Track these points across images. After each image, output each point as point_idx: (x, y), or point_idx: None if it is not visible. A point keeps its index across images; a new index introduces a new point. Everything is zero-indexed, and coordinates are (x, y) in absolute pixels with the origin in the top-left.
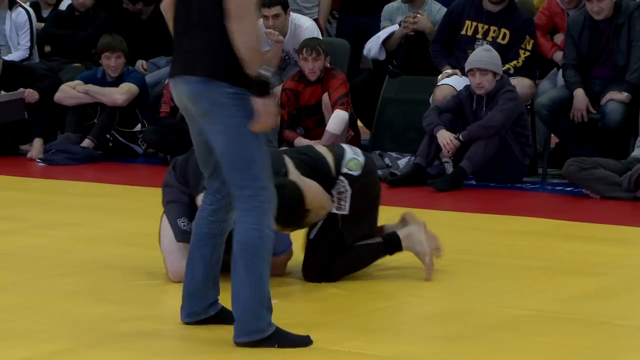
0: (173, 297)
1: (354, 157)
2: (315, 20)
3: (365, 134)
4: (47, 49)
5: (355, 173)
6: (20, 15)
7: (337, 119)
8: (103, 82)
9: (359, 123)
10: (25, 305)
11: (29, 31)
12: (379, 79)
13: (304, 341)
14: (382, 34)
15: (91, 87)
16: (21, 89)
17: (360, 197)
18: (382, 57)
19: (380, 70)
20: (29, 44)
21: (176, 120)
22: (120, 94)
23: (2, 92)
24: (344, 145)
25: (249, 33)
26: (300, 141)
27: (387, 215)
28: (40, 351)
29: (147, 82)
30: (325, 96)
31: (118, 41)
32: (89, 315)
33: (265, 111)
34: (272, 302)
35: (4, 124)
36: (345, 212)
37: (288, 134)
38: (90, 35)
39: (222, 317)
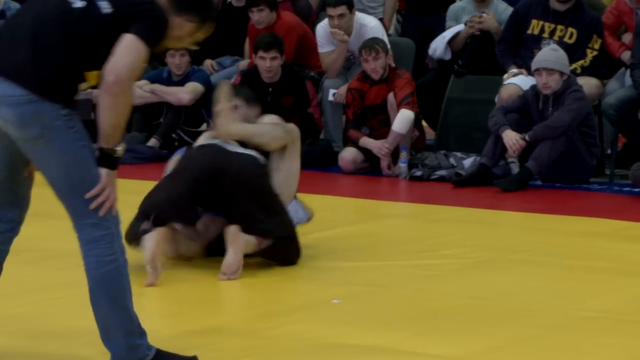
0: None
1: None
2: (380, 19)
3: (430, 134)
4: None
5: None
6: None
7: (402, 119)
8: (169, 81)
9: (424, 123)
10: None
11: None
12: (444, 78)
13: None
14: (447, 34)
15: (157, 87)
16: (89, 90)
17: None
18: (448, 56)
19: (445, 70)
20: None
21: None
22: (185, 93)
23: None
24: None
25: (120, 111)
26: (365, 141)
27: (452, 216)
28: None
29: (212, 81)
30: (391, 96)
31: None
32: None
33: (110, 183)
34: (334, 301)
35: None
36: None
37: (353, 133)
38: None
39: None
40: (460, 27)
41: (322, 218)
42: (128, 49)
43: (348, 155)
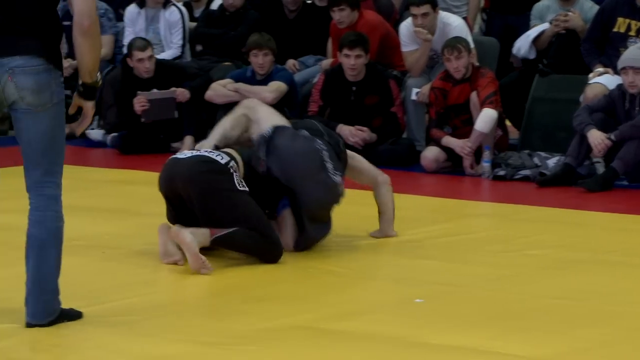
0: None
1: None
2: (464, 18)
3: (513, 133)
4: (199, 48)
5: None
6: (173, 13)
7: (485, 118)
8: (252, 80)
9: (508, 122)
10: (174, 300)
11: (181, 29)
12: (528, 77)
13: (78, 314)
14: (532, 33)
15: (241, 85)
16: (173, 88)
17: None
18: (532, 55)
19: (530, 69)
20: (181, 42)
21: (325, 119)
22: (269, 92)
23: (155, 90)
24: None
25: (96, 47)
26: (448, 140)
27: (536, 216)
28: (191, 346)
29: (295, 80)
30: (474, 95)
31: (266, 39)
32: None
33: (91, 114)
34: (417, 300)
35: (155, 122)
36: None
37: (435, 132)
38: (240, 35)
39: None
40: (545, 25)
41: (404, 217)
42: None
43: (430, 154)
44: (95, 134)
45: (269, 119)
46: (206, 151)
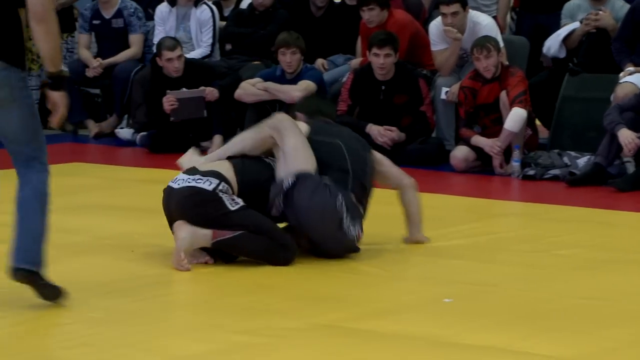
0: None
1: None
2: (494, 17)
3: (543, 132)
4: (228, 47)
5: None
6: (204, 12)
7: (515, 117)
8: (282, 79)
9: (537, 122)
10: (204, 299)
11: (211, 28)
12: (558, 77)
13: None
14: (562, 32)
15: (270, 84)
16: (202, 87)
17: None
18: (562, 55)
19: (560, 68)
20: (210, 40)
21: (353, 118)
22: (298, 91)
23: (184, 89)
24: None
25: (53, 33)
26: (477, 139)
27: (566, 215)
28: (222, 344)
29: (324, 79)
30: (503, 94)
31: (294, 38)
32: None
33: (63, 103)
34: (446, 300)
35: (184, 121)
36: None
37: (465, 131)
38: (270, 34)
39: None
40: (575, 24)
41: (433, 217)
42: None
43: (460, 153)
44: (125, 133)
45: (295, 156)
46: (193, 178)
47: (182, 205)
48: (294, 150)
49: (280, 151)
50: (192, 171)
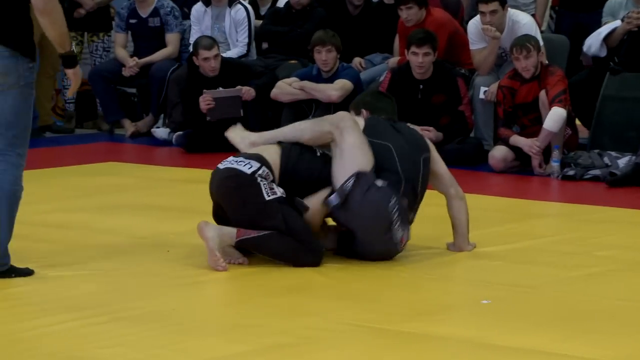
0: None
1: None
2: (533, 16)
3: (583, 132)
4: (265, 46)
5: None
6: (239, 12)
7: (554, 117)
8: (318, 78)
9: (577, 121)
10: (239, 300)
11: (247, 28)
12: (599, 76)
13: (28, 271)
14: (603, 30)
15: (306, 84)
16: (238, 87)
17: None
18: (603, 53)
19: (600, 67)
20: (246, 40)
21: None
22: (334, 90)
23: (220, 89)
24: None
25: (59, 23)
26: (516, 139)
27: (606, 216)
28: (256, 345)
29: (361, 79)
30: (542, 93)
31: (330, 35)
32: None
33: (77, 77)
34: (484, 302)
35: (220, 120)
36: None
37: (503, 131)
38: (306, 32)
39: None
40: (617, 23)
41: (472, 217)
42: None
43: (498, 153)
44: (161, 132)
45: (354, 155)
46: (236, 160)
47: (221, 187)
48: (352, 148)
49: (338, 149)
50: (239, 154)
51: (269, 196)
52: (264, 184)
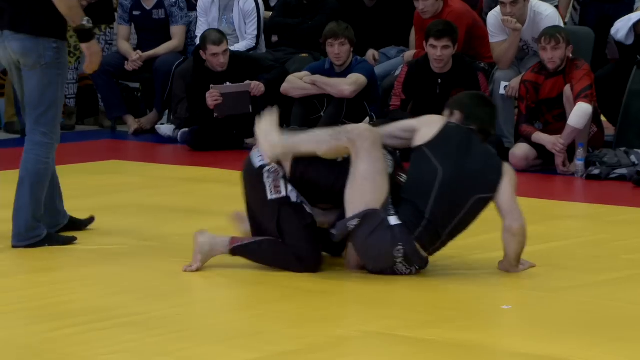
0: None
1: None
2: (556, 7)
3: (609, 129)
4: (274, 38)
5: None
6: (248, 2)
7: (579, 113)
8: (331, 72)
9: (603, 118)
10: (246, 305)
11: (256, 19)
12: (625, 70)
13: (70, 239)
14: (634, 16)
15: (318, 78)
16: (247, 82)
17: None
18: (630, 41)
19: (627, 61)
20: (255, 32)
21: (406, 113)
22: (347, 85)
23: (228, 84)
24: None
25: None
26: (539, 136)
27: (633, 218)
28: (266, 353)
29: (376, 73)
30: (567, 88)
31: (343, 28)
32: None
33: (92, 53)
34: (504, 307)
35: (228, 117)
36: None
37: (525, 128)
38: (318, 24)
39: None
40: None
41: (492, 219)
42: None
43: (520, 151)
44: (165, 129)
45: (363, 187)
46: (258, 148)
47: (242, 175)
48: (363, 180)
49: (351, 171)
50: None
51: (272, 195)
52: (269, 182)
